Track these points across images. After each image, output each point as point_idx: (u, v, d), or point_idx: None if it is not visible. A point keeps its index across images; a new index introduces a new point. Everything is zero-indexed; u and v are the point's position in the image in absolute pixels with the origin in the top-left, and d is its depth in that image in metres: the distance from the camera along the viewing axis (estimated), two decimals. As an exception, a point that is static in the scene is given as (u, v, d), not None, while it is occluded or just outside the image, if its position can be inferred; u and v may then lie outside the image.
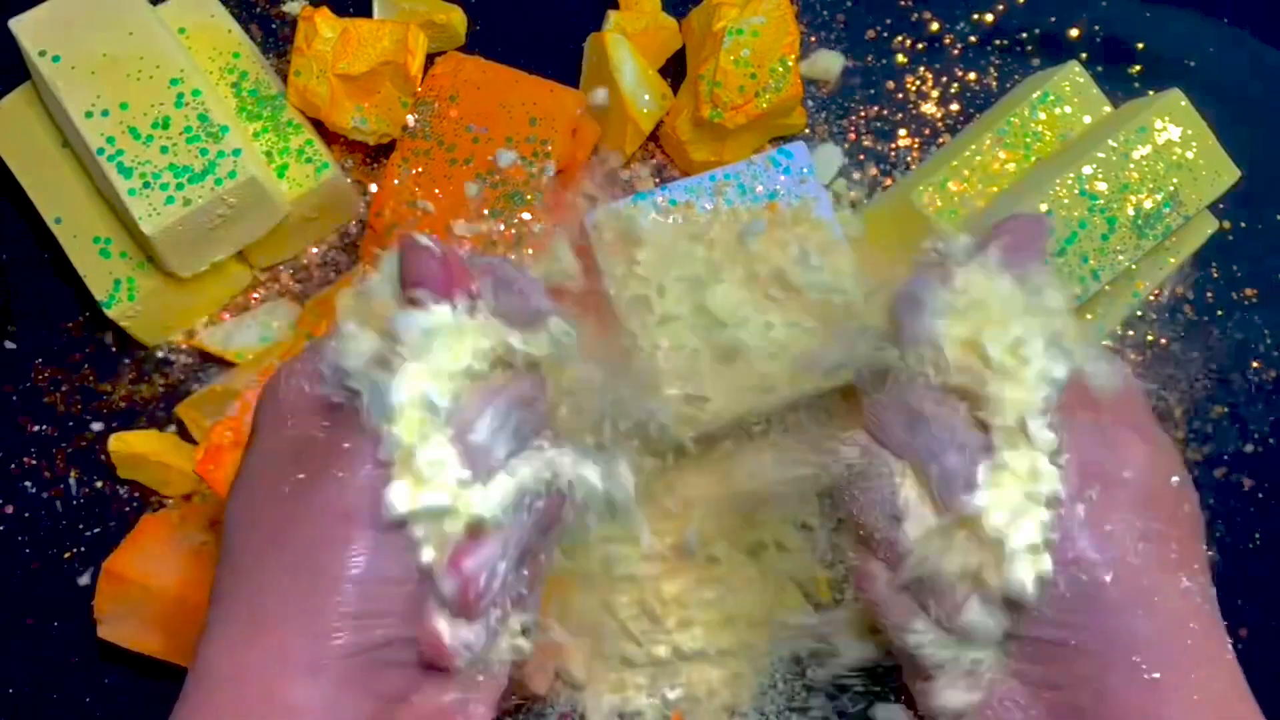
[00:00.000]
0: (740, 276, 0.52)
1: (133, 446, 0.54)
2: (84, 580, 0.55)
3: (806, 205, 0.53)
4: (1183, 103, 0.55)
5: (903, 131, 0.62)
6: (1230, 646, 0.35)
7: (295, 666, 0.32)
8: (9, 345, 0.57)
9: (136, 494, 0.57)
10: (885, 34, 0.63)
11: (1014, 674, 0.36)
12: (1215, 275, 0.63)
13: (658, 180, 0.60)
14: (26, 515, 0.56)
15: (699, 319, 0.52)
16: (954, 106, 0.62)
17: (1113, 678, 0.33)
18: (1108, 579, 0.33)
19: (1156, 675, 0.33)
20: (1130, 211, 0.54)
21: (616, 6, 0.60)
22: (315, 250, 0.58)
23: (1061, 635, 0.34)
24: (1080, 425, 0.35)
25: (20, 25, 0.51)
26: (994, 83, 0.63)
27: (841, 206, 0.61)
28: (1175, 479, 0.36)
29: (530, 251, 0.53)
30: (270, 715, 0.32)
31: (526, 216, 0.53)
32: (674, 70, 0.61)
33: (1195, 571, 0.35)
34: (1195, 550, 0.35)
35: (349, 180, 0.58)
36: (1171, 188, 0.54)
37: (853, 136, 0.62)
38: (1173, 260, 0.59)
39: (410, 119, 0.54)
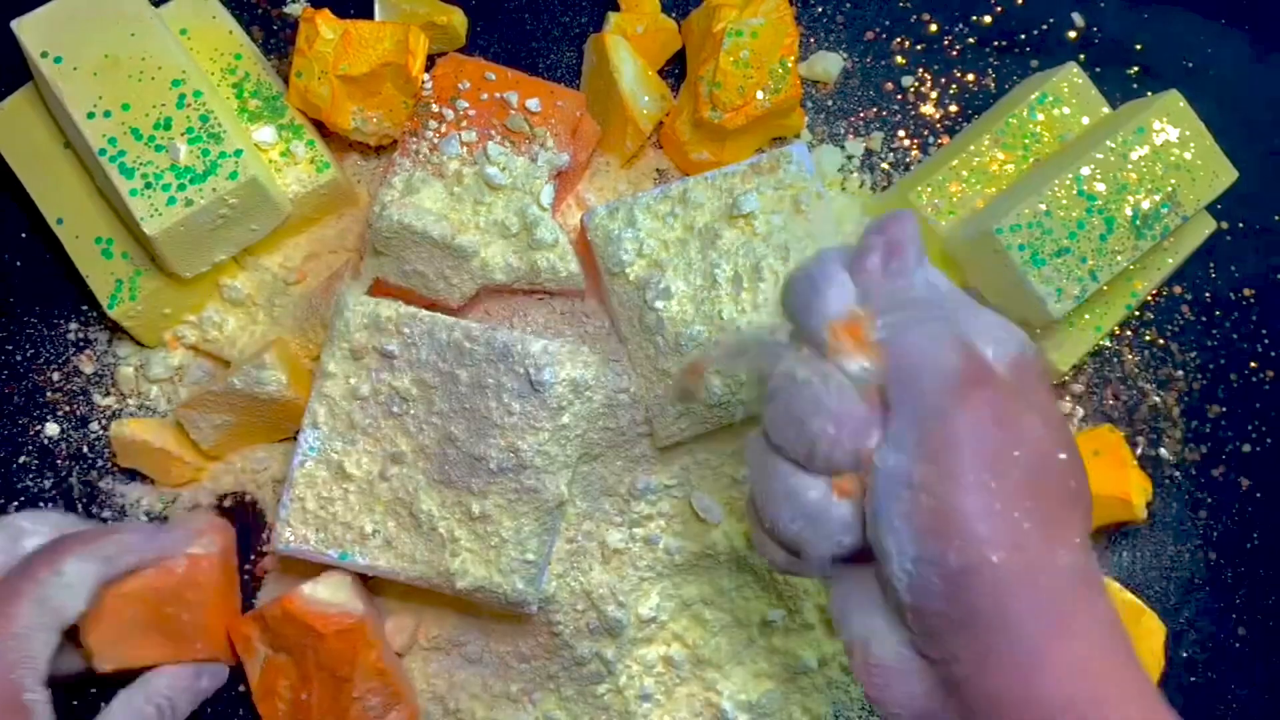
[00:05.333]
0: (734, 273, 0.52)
1: (134, 433, 0.55)
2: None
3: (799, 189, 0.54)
4: (1181, 104, 0.56)
5: (902, 132, 0.62)
6: (1112, 611, 0.36)
7: None
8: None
9: (138, 495, 0.57)
10: (884, 35, 0.63)
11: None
12: (1213, 275, 0.63)
13: (657, 180, 0.60)
14: (28, 515, 0.56)
15: (698, 317, 0.52)
16: (953, 107, 0.63)
17: (993, 651, 0.35)
18: (995, 558, 0.34)
19: (1034, 647, 0.34)
20: (1128, 212, 0.54)
21: (616, 7, 0.61)
22: (315, 250, 0.58)
23: (947, 610, 0.35)
24: (973, 405, 0.36)
25: (22, 26, 0.51)
26: (993, 84, 0.63)
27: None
28: (1063, 455, 0.37)
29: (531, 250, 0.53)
30: None
31: (528, 215, 0.53)
32: (674, 71, 0.61)
33: (1076, 546, 0.36)
34: (1077, 524, 0.37)
35: (350, 180, 0.58)
36: (1170, 188, 0.55)
37: (852, 137, 0.62)
38: (1171, 260, 0.59)
39: (411, 120, 0.54)
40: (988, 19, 0.64)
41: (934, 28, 0.63)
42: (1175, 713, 0.35)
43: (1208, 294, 0.63)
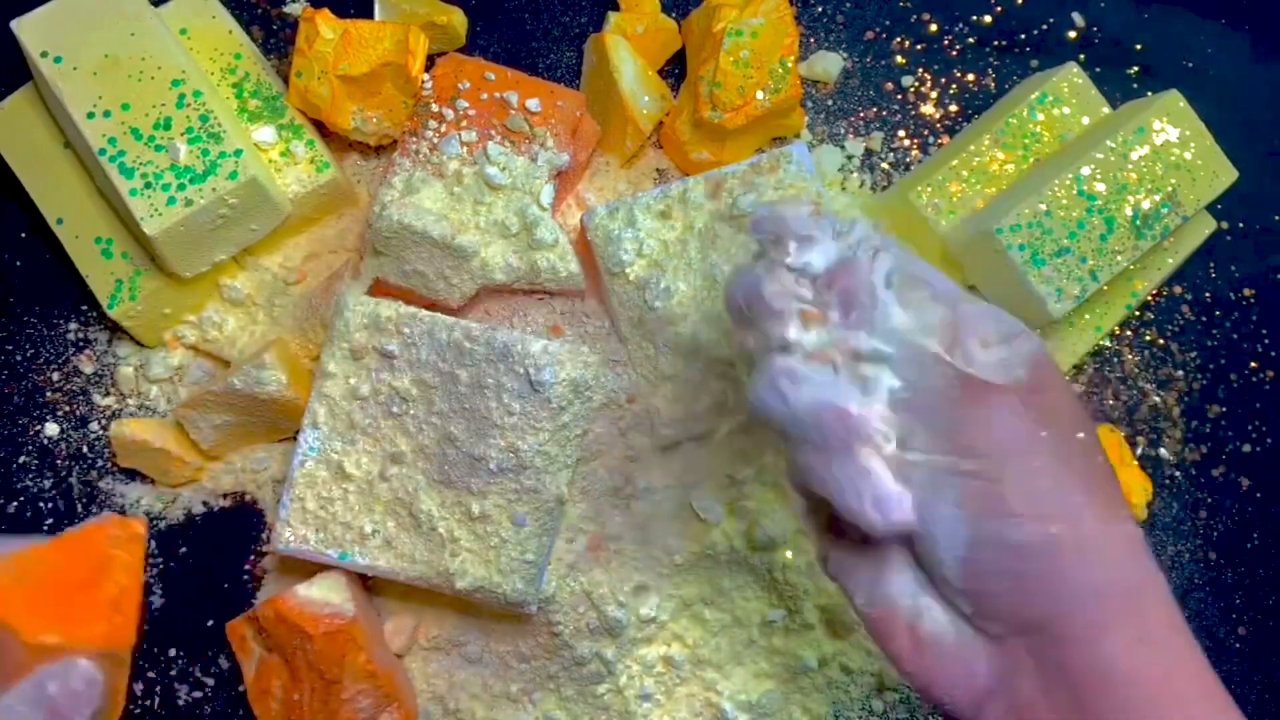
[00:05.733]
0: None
1: (134, 433, 0.55)
2: (85, 580, 0.56)
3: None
4: (1181, 104, 0.56)
5: (902, 132, 0.62)
6: (1165, 585, 0.37)
7: None
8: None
9: (138, 495, 0.57)
10: (884, 35, 0.63)
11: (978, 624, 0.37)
12: (1213, 275, 0.63)
13: (657, 180, 0.60)
14: (28, 515, 0.56)
15: (698, 317, 0.52)
16: (953, 107, 0.63)
17: (1063, 621, 0.35)
18: (1053, 530, 0.35)
19: (1101, 618, 0.35)
20: (1129, 212, 0.54)
21: (616, 7, 0.61)
22: (315, 250, 0.58)
23: (1008, 590, 0.35)
24: (996, 405, 0.36)
25: (22, 26, 0.51)
26: (993, 83, 0.63)
27: (841, 207, 0.61)
28: (1082, 435, 0.37)
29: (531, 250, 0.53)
30: None
31: (528, 215, 0.53)
32: (674, 71, 0.61)
33: (1123, 519, 0.36)
34: (1117, 497, 0.37)
35: (350, 180, 0.58)
36: (1170, 188, 0.55)
37: (852, 137, 0.62)
38: (1171, 260, 0.59)
39: (411, 120, 0.54)
40: (988, 19, 0.64)
41: (934, 28, 0.63)
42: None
43: (1208, 294, 0.63)
